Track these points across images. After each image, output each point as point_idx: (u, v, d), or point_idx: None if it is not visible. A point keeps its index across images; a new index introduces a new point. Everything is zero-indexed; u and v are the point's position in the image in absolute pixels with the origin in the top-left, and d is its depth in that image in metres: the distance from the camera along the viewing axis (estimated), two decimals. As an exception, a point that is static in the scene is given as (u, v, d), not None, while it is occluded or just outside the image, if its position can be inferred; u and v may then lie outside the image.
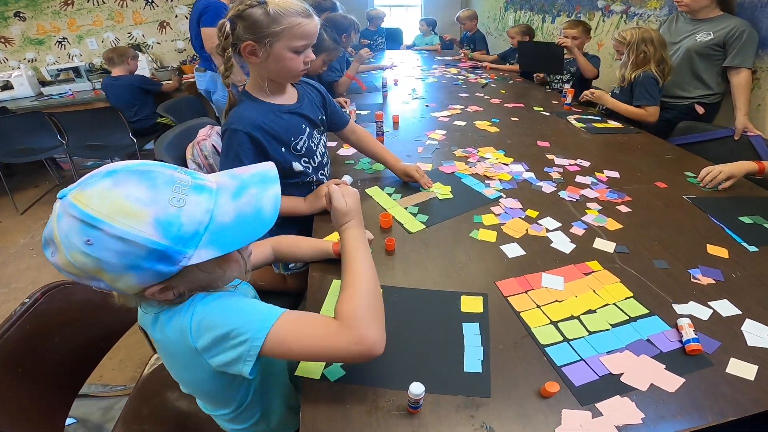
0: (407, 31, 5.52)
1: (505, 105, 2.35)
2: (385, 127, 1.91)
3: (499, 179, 1.45)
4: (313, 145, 1.29)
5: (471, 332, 0.86)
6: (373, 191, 1.40)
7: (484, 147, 1.71)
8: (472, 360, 0.80)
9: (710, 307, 0.92)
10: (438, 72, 3.20)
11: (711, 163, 1.64)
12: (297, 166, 1.24)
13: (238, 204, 0.61)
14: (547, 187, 1.40)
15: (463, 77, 3.03)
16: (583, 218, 1.23)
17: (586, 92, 2.23)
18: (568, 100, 2.32)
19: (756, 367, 0.78)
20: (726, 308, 0.92)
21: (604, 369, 0.78)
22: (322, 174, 1.36)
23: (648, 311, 0.91)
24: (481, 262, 1.07)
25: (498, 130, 1.93)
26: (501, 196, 1.34)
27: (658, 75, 2.06)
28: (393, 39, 5.38)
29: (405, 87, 2.74)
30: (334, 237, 1.16)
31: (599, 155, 1.67)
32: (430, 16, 5.18)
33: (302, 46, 1.08)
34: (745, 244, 1.12)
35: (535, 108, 2.29)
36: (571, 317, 0.89)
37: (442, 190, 1.38)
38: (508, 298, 0.95)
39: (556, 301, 0.94)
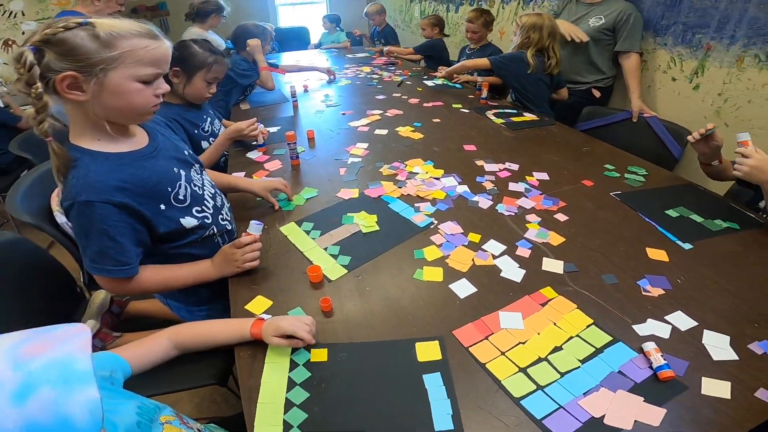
0: (314, 29, 5.18)
1: (425, 105, 2.21)
2: (300, 145, 1.68)
3: (433, 198, 1.31)
4: (197, 188, 1.03)
5: (433, 384, 0.77)
6: (289, 229, 1.19)
7: (412, 159, 1.55)
8: (441, 416, 0.72)
9: (668, 322, 0.87)
10: (351, 72, 2.96)
11: (620, 150, 1.67)
12: (190, 221, 0.99)
13: (25, 411, 0.38)
14: (484, 202, 1.29)
15: (377, 76, 2.84)
16: (526, 235, 1.14)
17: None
18: (484, 93, 2.25)
19: (728, 383, 0.74)
20: (682, 321, 0.87)
21: (585, 414, 0.71)
22: (223, 220, 1.10)
23: (611, 338, 0.84)
24: (432, 309, 0.93)
25: (422, 135, 1.78)
26: (432, 223, 1.19)
27: (532, 61, 2.07)
28: (299, 39, 5.05)
29: (317, 94, 2.46)
30: (257, 304, 0.94)
31: (525, 155, 1.61)
32: (334, 12, 4.90)
33: (152, 75, 0.83)
34: (679, 242, 1.10)
35: (454, 105, 2.19)
36: (539, 360, 0.80)
37: (366, 222, 1.20)
38: (470, 348, 0.83)
39: (519, 343, 0.84)
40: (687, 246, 1.08)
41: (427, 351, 0.82)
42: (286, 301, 0.95)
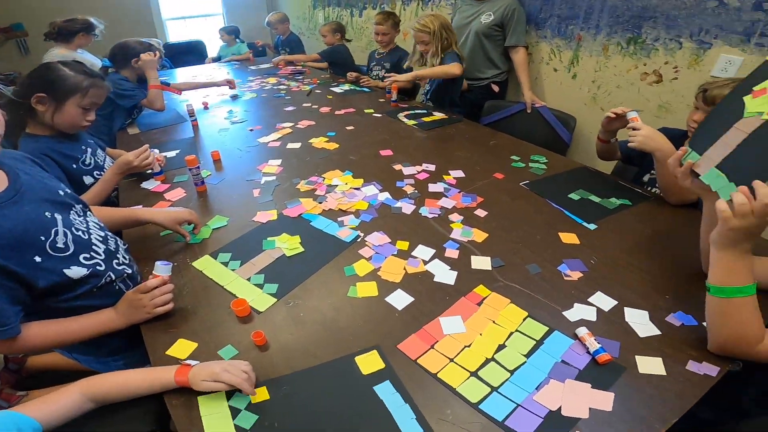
0: (211, 43, 4.82)
1: (336, 113, 2.15)
2: (205, 169, 1.53)
3: (356, 210, 1.26)
4: (80, 233, 0.90)
5: (386, 393, 0.75)
6: (204, 263, 1.07)
7: (329, 171, 1.50)
8: (406, 421, 0.71)
9: (592, 304, 0.92)
10: (255, 85, 2.79)
11: (521, 140, 1.77)
12: (78, 271, 0.85)
13: None
14: (407, 207, 1.27)
15: (284, 87, 2.71)
16: (452, 236, 1.15)
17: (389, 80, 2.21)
18: (394, 96, 2.26)
19: (660, 359, 0.79)
20: (604, 302, 0.93)
21: (542, 408, 0.72)
22: (120, 264, 0.96)
23: (547, 328, 0.87)
24: (372, 324, 0.89)
25: (337, 145, 1.73)
26: (358, 236, 1.15)
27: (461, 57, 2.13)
28: (195, 53, 4.68)
29: (219, 110, 2.27)
30: (180, 348, 0.83)
31: (439, 154, 1.64)
32: (233, 23, 4.61)
33: None
34: (585, 224, 1.18)
35: (366, 111, 2.17)
36: (487, 361, 0.81)
37: (289, 244, 1.12)
38: (418, 360, 0.81)
39: (465, 347, 0.84)
40: (592, 226, 1.17)
41: (369, 362, 0.80)
42: (214, 340, 0.86)
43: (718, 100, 1.17)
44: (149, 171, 1.48)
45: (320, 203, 1.30)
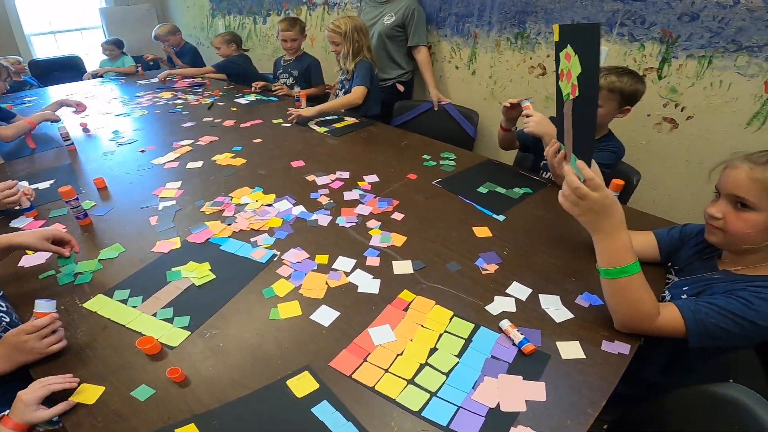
0: (91, 58, 4.29)
1: (242, 125, 2.01)
2: (89, 200, 1.36)
3: (269, 228, 1.19)
4: None
5: (326, 413, 0.72)
6: (97, 303, 0.95)
7: (237, 189, 1.39)
8: None
9: (510, 295, 0.96)
10: (146, 101, 2.51)
11: (431, 139, 1.81)
12: None
13: None
14: (323, 219, 1.23)
15: (181, 101, 2.48)
16: (371, 243, 1.13)
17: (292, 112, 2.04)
18: (303, 104, 2.18)
19: (577, 342, 0.83)
20: (520, 291, 0.97)
21: (482, 407, 0.73)
22: None
23: (473, 325, 0.88)
24: (300, 345, 0.85)
25: (245, 160, 1.62)
26: (274, 255, 1.09)
27: (372, 61, 2.12)
28: (71, 70, 4.13)
29: (102, 131, 2.00)
30: (85, 394, 0.76)
31: (353, 160, 1.61)
32: (117, 37, 4.14)
33: None
34: (494, 216, 1.24)
35: (274, 121, 2.06)
36: (422, 366, 0.80)
37: (198, 272, 1.03)
38: (353, 376, 0.78)
39: (398, 355, 0.82)
40: (501, 218, 1.23)
41: (302, 384, 0.77)
42: (123, 382, 0.77)
43: None
44: (18, 208, 1.26)
45: (229, 225, 1.21)
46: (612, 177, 1.18)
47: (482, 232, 1.17)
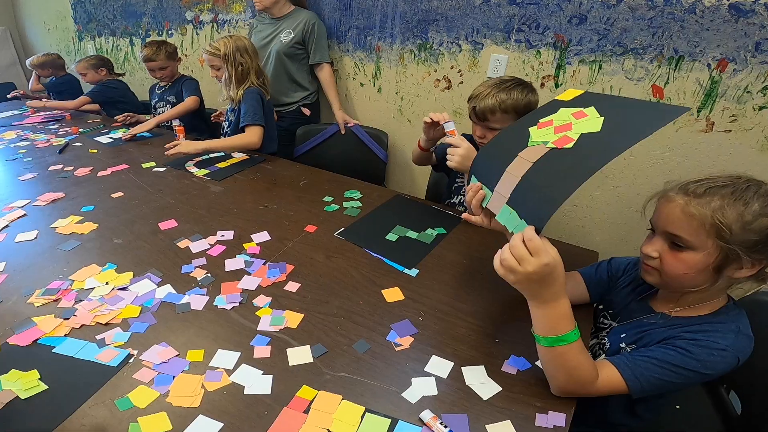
0: None
1: (101, 174, 1.67)
2: None
3: (123, 319, 0.94)
4: None
5: None
6: None
7: (81, 269, 1.10)
8: None
9: (429, 373, 0.83)
10: (-23, 146, 2.05)
11: (335, 174, 1.65)
12: None
13: None
14: (198, 300, 1.01)
15: (27, 142, 2.06)
16: (259, 328, 0.94)
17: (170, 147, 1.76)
18: (181, 139, 1.88)
19: (508, 421, 0.74)
20: (441, 367, 0.85)
21: None
22: None
23: (390, 419, 0.74)
24: None
25: (95, 226, 1.30)
26: (129, 356, 0.86)
27: (262, 89, 1.88)
28: None
29: None
30: None
31: (239, 213, 1.38)
32: None
33: None
34: (406, 271, 1.11)
35: (144, 165, 1.75)
36: None
37: (23, 383, 0.80)
38: None
39: None
40: (414, 272, 1.11)
41: None
42: None
43: (489, 114, 1.23)
44: None
45: (67, 319, 0.94)
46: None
47: (393, 294, 1.03)
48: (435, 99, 2.17)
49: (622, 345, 0.85)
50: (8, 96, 3.08)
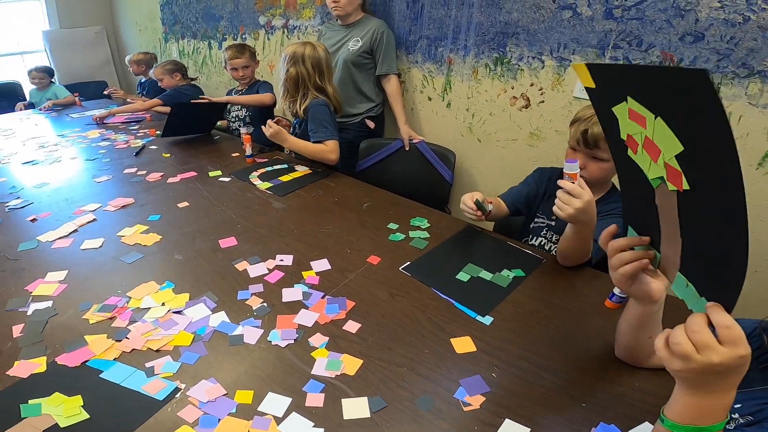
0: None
1: (170, 180, 1.71)
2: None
3: (175, 347, 0.91)
4: None
5: None
6: None
7: (140, 286, 1.09)
8: None
9: None
10: (68, 141, 2.21)
11: (401, 197, 1.55)
12: None
13: None
14: (251, 333, 0.95)
15: (107, 142, 2.18)
16: (314, 372, 0.86)
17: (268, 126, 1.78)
18: (248, 150, 1.89)
19: None
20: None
21: None
22: None
23: None
24: None
25: (158, 238, 1.30)
26: (177, 390, 0.82)
27: (329, 101, 1.83)
28: (9, 97, 3.83)
29: (2, 185, 1.68)
30: None
31: (300, 234, 1.33)
32: (61, 62, 3.80)
33: None
34: (479, 318, 0.99)
35: (211, 174, 1.76)
36: None
37: (64, 408, 0.78)
38: None
39: None
40: (487, 320, 0.98)
41: None
42: None
43: (601, 141, 1.07)
44: None
45: (119, 341, 0.92)
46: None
47: (464, 345, 0.91)
48: (510, 118, 2.02)
49: (735, 416, 0.68)
50: (115, 94, 3.23)
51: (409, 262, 1.19)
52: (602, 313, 0.91)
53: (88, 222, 1.39)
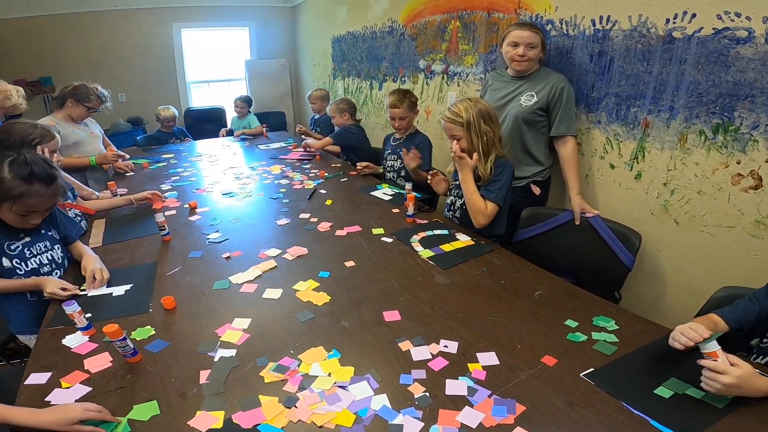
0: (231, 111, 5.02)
1: (337, 233, 1.83)
2: (149, 325, 1.25)
3: (336, 426, 0.92)
4: None
5: None
6: None
7: (310, 349, 1.14)
8: None
9: None
10: (257, 175, 2.61)
11: (578, 288, 1.39)
12: None
13: None
14: (412, 425, 0.92)
15: (286, 181, 2.51)
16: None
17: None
18: (410, 210, 1.92)
19: None
20: None
21: None
22: None
23: None
24: None
25: (328, 299, 1.36)
26: None
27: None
28: (214, 121, 4.82)
29: (203, 216, 2.03)
30: None
31: (464, 318, 1.27)
32: (255, 91, 4.71)
33: None
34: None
35: (374, 231, 1.84)
36: None
37: None
38: None
39: None
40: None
41: None
42: None
43: None
44: (76, 326, 1.20)
45: (288, 408, 0.96)
46: None
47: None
48: (729, 200, 1.66)
49: None
50: (299, 132, 3.65)
51: (592, 369, 1.05)
52: None
53: (270, 269, 1.54)
